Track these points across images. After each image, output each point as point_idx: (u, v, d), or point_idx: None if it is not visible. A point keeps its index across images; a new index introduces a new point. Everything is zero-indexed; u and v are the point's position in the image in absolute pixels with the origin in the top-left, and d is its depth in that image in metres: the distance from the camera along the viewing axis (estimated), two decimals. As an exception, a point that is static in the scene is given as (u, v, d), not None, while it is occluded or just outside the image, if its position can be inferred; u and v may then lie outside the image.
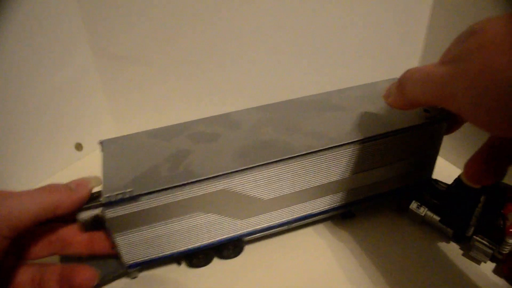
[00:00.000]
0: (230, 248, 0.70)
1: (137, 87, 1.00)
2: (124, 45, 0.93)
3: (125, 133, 0.69)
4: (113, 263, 0.64)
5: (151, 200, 0.57)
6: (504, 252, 0.64)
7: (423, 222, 0.74)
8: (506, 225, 0.63)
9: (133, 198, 0.56)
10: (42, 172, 0.92)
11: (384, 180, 0.72)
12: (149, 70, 0.97)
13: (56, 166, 0.95)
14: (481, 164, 0.51)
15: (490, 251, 0.65)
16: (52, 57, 0.86)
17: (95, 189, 0.60)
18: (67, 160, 0.97)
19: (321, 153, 0.62)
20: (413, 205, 0.73)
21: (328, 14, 0.92)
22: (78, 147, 1.00)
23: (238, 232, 0.67)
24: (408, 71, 0.54)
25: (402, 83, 0.54)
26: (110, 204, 0.55)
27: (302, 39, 0.96)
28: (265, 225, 0.68)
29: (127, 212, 0.57)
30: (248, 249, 0.72)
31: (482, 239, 0.66)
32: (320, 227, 0.76)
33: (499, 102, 0.38)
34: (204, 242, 0.65)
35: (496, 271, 0.66)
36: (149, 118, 1.04)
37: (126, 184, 0.57)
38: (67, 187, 0.57)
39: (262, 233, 0.69)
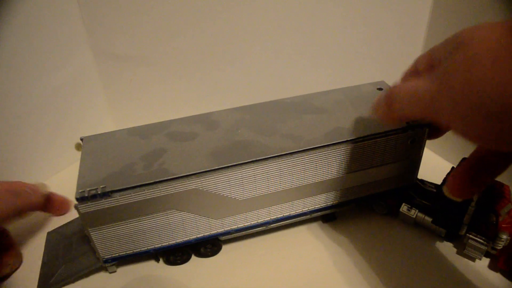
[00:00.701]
0: (207, 247, 0.70)
1: (137, 87, 1.01)
2: (124, 45, 0.94)
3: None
4: (90, 257, 0.66)
5: (124, 196, 0.58)
6: (498, 247, 0.64)
7: (415, 223, 0.74)
8: (499, 221, 0.64)
9: (106, 194, 0.57)
10: (42, 172, 0.92)
11: (365, 184, 0.71)
12: (149, 70, 0.98)
13: (56, 166, 0.96)
14: (465, 179, 0.50)
15: (484, 247, 0.65)
16: (52, 57, 0.87)
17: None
18: (68, 160, 0.98)
19: (295, 155, 0.62)
20: (404, 208, 0.73)
21: (328, 14, 0.92)
22: (78, 147, 1.01)
23: (214, 231, 0.67)
24: (395, 87, 0.54)
25: (390, 100, 0.54)
26: (83, 199, 0.57)
27: (300, 40, 0.96)
28: (242, 225, 0.68)
29: (101, 208, 0.58)
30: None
31: (475, 236, 0.66)
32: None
33: (486, 118, 0.37)
34: (179, 240, 0.66)
35: (491, 267, 0.67)
36: (149, 117, 1.05)
37: (101, 180, 0.59)
38: (28, 192, 0.62)
39: (239, 233, 0.70)
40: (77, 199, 0.56)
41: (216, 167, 0.60)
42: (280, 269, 0.69)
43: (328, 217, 0.77)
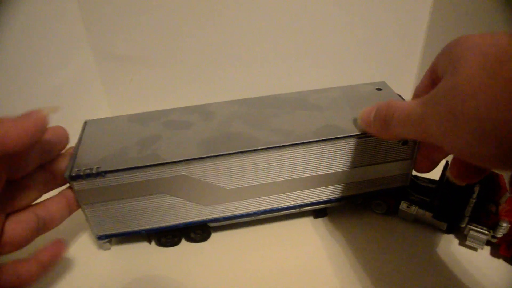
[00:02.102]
0: (197, 232, 0.73)
1: (137, 87, 1.03)
2: (124, 45, 0.95)
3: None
4: None
5: (116, 177, 0.62)
6: (499, 235, 0.67)
7: (415, 220, 0.75)
8: (499, 209, 0.66)
9: (100, 174, 0.61)
10: None
11: (355, 182, 0.72)
12: (149, 70, 1.00)
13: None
14: (467, 164, 0.53)
15: (485, 237, 0.67)
16: (52, 57, 0.88)
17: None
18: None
19: (282, 149, 0.64)
20: (403, 205, 0.74)
21: (327, 14, 0.92)
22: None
23: (203, 218, 0.70)
24: (389, 107, 0.56)
25: (384, 120, 0.57)
26: (78, 177, 0.61)
27: (302, 38, 0.97)
28: (230, 213, 0.71)
29: (95, 187, 0.62)
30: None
31: (476, 227, 0.68)
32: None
33: (478, 142, 0.39)
34: (169, 223, 0.69)
35: (493, 254, 0.70)
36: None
37: (97, 161, 0.63)
38: (11, 117, 0.49)
39: (228, 221, 0.72)
40: (72, 176, 0.60)
41: (204, 156, 0.62)
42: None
43: (319, 212, 0.78)
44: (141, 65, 1.00)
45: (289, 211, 0.73)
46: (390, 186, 0.74)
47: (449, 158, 0.76)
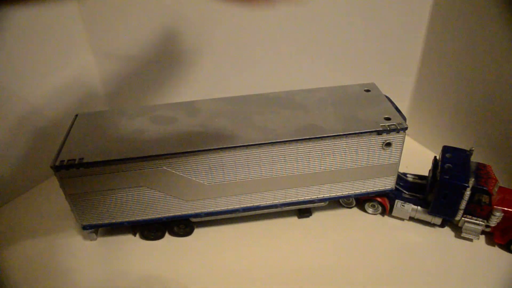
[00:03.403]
0: (180, 226, 0.74)
1: (137, 86, 1.04)
2: (124, 45, 0.96)
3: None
4: None
5: (98, 169, 0.64)
6: (493, 225, 0.68)
7: (410, 218, 0.76)
8: (492, 200, 0.67)
9: (82, 165, 0.63)
10: (41, 171, 0.90)
11: (337, 183, 0.71)
12: (149, 70, 1.01)
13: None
14: None
15: (480, 228, 0.69)
16: (53, 57, 0.88)
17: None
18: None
19: (262, 147, 0.64)
20: (398, 205, 0.75)
21: (328, 15, 0.92)
22: None
23: (184, 212, 0.71)
24: None
25: None
26: (61, 167, 0.63)
27: (301, 39, 0.96)
28: (212, 209, 0.71)
29: (78, 177, 0.64)
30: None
31: (471, 218, 0.70)
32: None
33: None
34: (151, 217, 0.71)
35: (488, 242, 0.72)
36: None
37: (81, 152, 0.65)
38: None
39: (210, 217, 0.73)
40: (56, 166, 0.63)
41: (183, 151, 0.63)
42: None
43: (303, 212, 0.78)
44: (141, 65, 1.01)
45: (271, 209, 0.74)
46: (375, 190, 0.74)
47: (437, 153, 0.78)
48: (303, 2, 0.88)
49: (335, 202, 0.80)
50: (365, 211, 0.79)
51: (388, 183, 0.73)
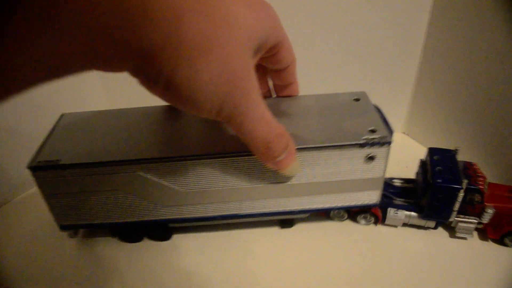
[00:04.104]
0: (158, 231, 0.74)
1: (137, 86, 1.05)
2: None
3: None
4: None
5: (74, 171, 0.64)
6: (485, 222, 0.70)
7: (403, 224, 0.76)
8: (484, 197, 0.69)
9: (59, 167, 0.63)
10: None
11: (319, 195, 0.69)
12: None
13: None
14: None
15: (473, 226, 0.71)
16: None
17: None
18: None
19: (239, 157, 0.63)
20: (390, 213, 0.74)
21: (328, 15, 0.90)
22: None
23: (161, 217, 0.70)
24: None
25: None
26: (37, 168, 0.63)
27: (300, 40, 0.94)
28: (188, 216, 0.71)
29: (55, 179, 0.64)
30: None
31: (464, 218, 0.71)
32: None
33: None
34: (128, 220, 0.70)
35: (482, 238, 0.74)
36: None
37: (60, 153, 0.65)
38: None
39: (188, 223, 0.73)
40: (32, 167, 0.63)
41: (158, 157, 0.63)
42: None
43: (285, 222, 0.76)
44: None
45: (249, 219, 0.72)
46: (358, 204, 0.71)
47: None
48: None
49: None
50: (357, 222, 0.77)
51: (372, 197, 0.70)
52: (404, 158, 0.82)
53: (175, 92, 0.43)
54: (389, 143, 0.63)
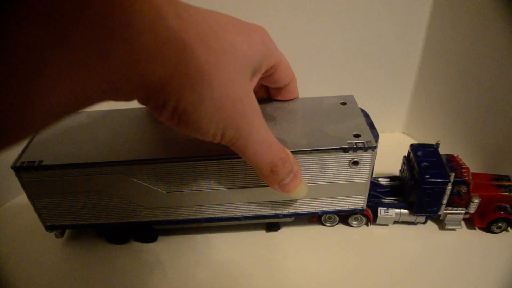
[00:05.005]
0: (143, 232, 0.74)
1: None
2: None
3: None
4: None
5: (57, 172, 0.64)
6: (472, 211, 0.73)
7: (394, 222, 0.77)
8: (470, 188, 0.70)
9: (42, 168, 0.63)
10: None
11: (305, 199, 0.69)
12: None
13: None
14: None
15: (461, 217, 0.73)
16: None
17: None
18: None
19: (222, 160, 0.63)
20: (381, 212, 0.75)
21: (328, 15, 0.89)
22: None
23: (146, 219, 0.70)
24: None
25: None
26: (21, 169, 0.63)
27: (300, 40, 0.94)
28: (173, 218, 0.70)
29: (38, 179, 0.65)
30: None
31: (451, 210, 0.73)
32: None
33: None
34: (113, 221, 0.70)
35: (469, 227, 0.76)
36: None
37: (44, 154, 0.65)
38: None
39: (173, 225, 0.72)
40: (16, 167, 0.63)
41: (141, 159, 0.63)
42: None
43: (271, 226, 0.76)
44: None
45: (233, 222, 0.72)
46: (344, 208, 0.70)
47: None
48: None
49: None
50: (349, 225, 0.77)
51: (358, 202, 0.70)
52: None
53: (181, 118, 0.44)
54: (373, 148, 0.63)
